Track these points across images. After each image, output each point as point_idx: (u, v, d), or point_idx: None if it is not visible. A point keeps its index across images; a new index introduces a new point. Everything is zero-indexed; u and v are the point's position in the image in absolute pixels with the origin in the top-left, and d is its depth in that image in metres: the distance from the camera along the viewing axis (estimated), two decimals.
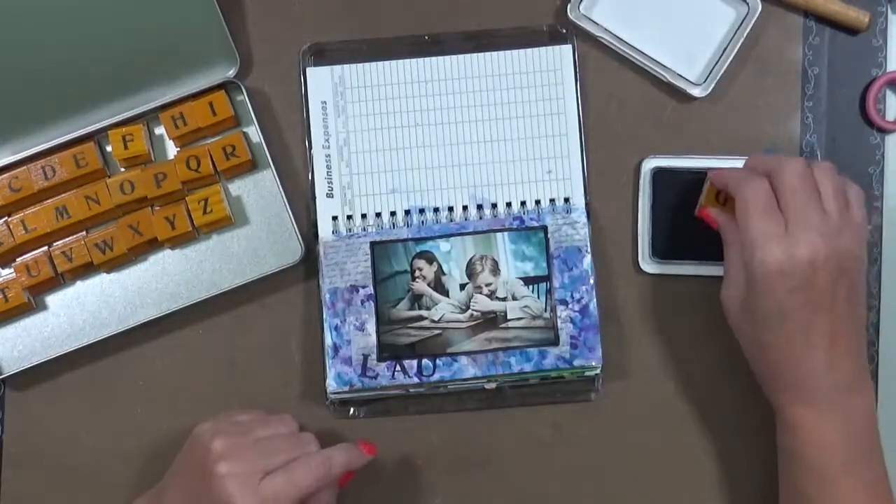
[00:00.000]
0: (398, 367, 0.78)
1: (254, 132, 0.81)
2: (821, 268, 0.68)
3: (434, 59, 0.80)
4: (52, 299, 0.81)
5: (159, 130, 0.81)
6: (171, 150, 0.82)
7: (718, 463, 0.80)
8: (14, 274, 0.80)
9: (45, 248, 0.80)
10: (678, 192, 0.80)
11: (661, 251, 0.80)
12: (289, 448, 0.69)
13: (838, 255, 0.68)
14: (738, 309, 0.72)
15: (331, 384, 0.78)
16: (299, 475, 0.67)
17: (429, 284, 0.78)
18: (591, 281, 0.78)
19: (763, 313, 0.69)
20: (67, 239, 0.80)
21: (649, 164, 0.80)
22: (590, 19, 0.80)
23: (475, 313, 0.78)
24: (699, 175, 0.79)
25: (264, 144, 0.80)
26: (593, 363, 0.77)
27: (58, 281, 0.80)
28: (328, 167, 0.80)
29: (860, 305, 0.71)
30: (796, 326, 0.69)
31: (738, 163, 0.79)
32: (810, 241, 0.68)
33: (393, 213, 0.79)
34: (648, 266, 0.80)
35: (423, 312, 0.78)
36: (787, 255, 0.68)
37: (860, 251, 0.71)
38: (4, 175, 0.79)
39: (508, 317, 0.78)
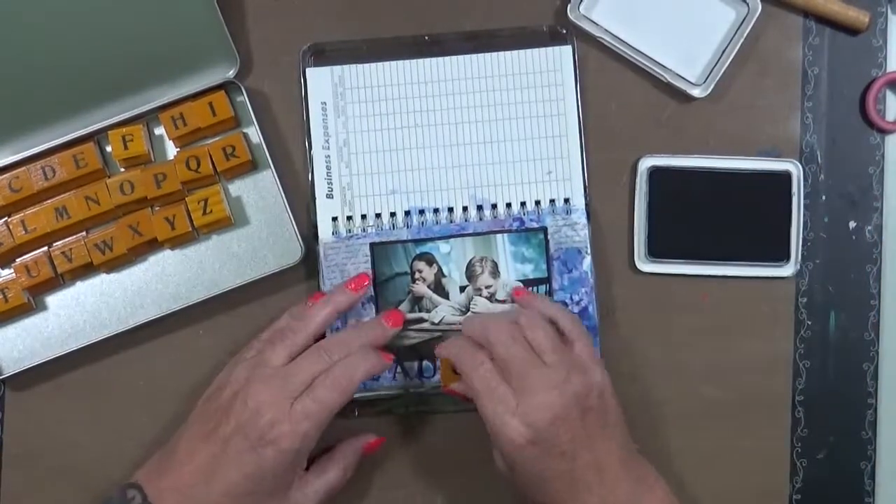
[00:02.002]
0: (399, 369, 0.78)
1: (254, 132, 0.80)
2: (562, 420, 0.67)
3: (434, 59, 0.80)
4: (52, 299, 0.81)
5: (159, 131, 0.81)
6: (171, 150, 0.81)
7: (718, 462, 0.80)
8: (14, 274, 0.80)
9: (45, 248, 0.80)
10: (675, 192, 0.80)
11: (658, 250, 0.80)
12: (307, 367, 0.71)
13: (575, 399, 0.68)
14: (509, 478, 0.70)
15: None
16: (322, 393, 0.70)
17: (429, 286, 0.78)
18: (591, 283, 0.78)
19: (527, 481, 0.69)
20: (67, 239, 0.80)
21: (646, 164, 0.80)
22: (590, 20, 0.80)
23: None
24: (695, 174, 0.79)
25: (264, 145, 0.80)
26: None
27: (58, 281, 0.80)
28: (328, 168, 0.80)
29: (615, 425, 0.70)
30: (561, 483, 0.68)
31: (732, 163, 0.79)
32: (542, 403, 0.67)
33: (393, 214, 0.79)
34: (645, 265, 0.80)
35: (424, 315, 0.78)
36: (526, 425, 0.67)
37: (595, 379, 0.69)
38: (4, 175, 0.79)
39: None
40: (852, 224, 0.81)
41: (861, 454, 0.80)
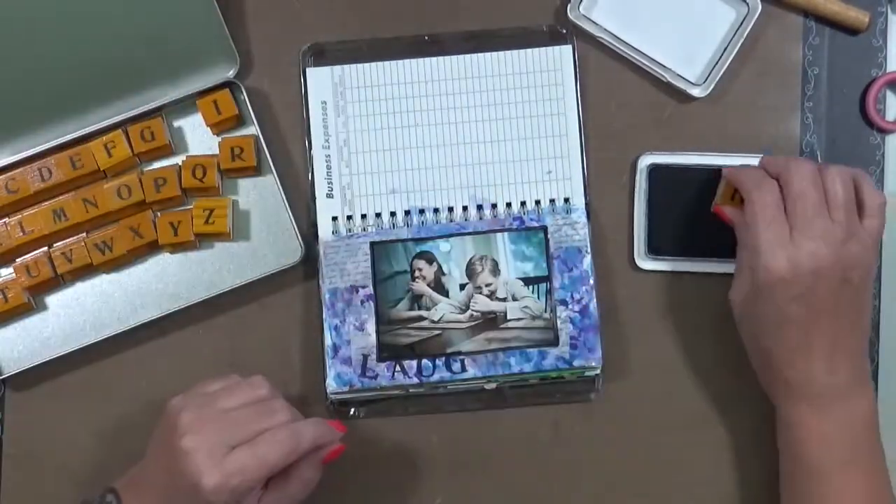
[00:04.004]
0: (398, 368, 0.78)
1: (254, 132, 0.80)
2: (823, 276, 0.69)
3: (434, 59, 0.80)
4: (52, 299, 0.81)
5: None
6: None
7: (718, 462, 0.80)
8: (14, 274, 0.79)
9: (45, 248, 0.80)
10: (674, 189, 0.80)
11: (658, 248, 0.80)
12: (255, 419, 0.67)
13: (842, 265, 0.69)
14: (741, 311, 0.73)
15: (331, 384, 0.78)
16: (264, 450, 0.65)
17: (428, 285, 0.78)
18: (591, 281, 0.78)
19: (764, 318, 0.71)
20: (68, 240, 0.80)
21: (645, 161, 0.80)
22: (590, 19, 0.80)
23: (475, 314, 0.78)
24: (695, 172, 0.79)
25: (264, 145, 0.80)
26: (593, 363, 0.77)
27: (58, 281, 0.80)
28: (328, 167, 0.80)
29: (864, 313, 0.72)
30: (795, 333, 0.70)
31: (731, 160, 0.79)
32: (814, 251, 0.68)
33: (393, 214, 0.79)
34: (645, 263, 0.80)
35: (423, 313, 0.78)
36: (791, 263, 0.69)
37: (868, 259, 0.71)
38: (1, 177, 0.79)
39: (508, 317, 0.78)
40: None
41: None
